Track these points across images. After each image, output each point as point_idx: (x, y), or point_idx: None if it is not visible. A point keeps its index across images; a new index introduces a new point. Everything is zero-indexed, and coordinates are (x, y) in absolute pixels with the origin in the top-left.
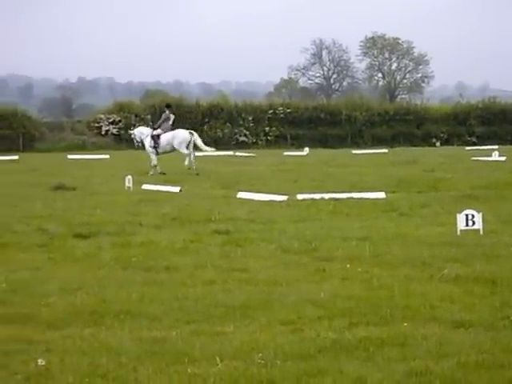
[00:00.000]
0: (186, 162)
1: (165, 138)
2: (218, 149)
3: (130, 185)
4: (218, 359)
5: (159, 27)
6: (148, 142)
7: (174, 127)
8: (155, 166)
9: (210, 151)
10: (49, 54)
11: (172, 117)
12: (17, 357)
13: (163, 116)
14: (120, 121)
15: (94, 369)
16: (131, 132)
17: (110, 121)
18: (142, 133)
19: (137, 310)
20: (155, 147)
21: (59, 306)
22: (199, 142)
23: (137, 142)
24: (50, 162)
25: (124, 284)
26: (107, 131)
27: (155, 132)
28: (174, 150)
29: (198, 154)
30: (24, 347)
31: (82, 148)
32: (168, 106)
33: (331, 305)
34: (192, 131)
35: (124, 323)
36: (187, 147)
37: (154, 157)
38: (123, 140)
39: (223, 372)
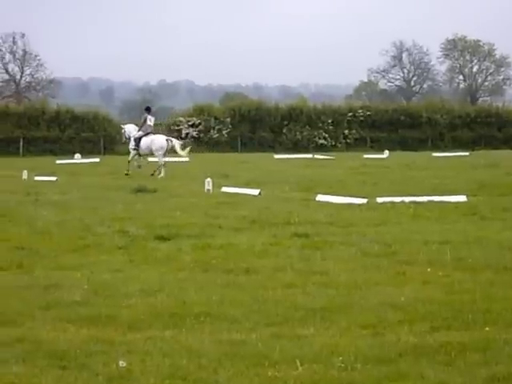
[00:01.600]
0: (162, 171)
1: (144, 142)
2: (297, 152)
3: (210, 187)
4: (298, 362)
5: (239, 30)
6: (131, 143)
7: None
8: (139, 166)
9: (185, 156)
10: (129, 58)
11: (152, 119)
12: (98, 358)
13: (142, 118)
14: (200, 123)
15: (174, 370)
16: (122, 127)
17: (190, 124)
18: (130, 131)
19: (217, 312)
20: (135, 149)
21: (140, 307)
22: (178, 148)
23: (125, 137)
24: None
25: (204, 286)
26: (187, 134)
27: (136, 135)
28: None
29: (279, 156)
30: (105, 348)
31: None
32: (147, 109)
33: (412, 309)
34: (171, 138)
35: (204, 325)
36: (164, 155)
37: (134, 156)
38: (203, 143)
39: (303, 375)
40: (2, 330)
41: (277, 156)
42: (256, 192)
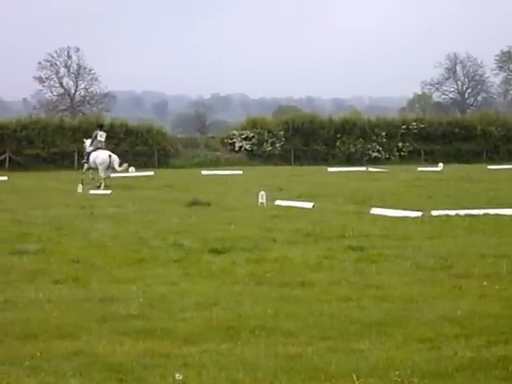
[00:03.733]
0: (102, 183)
1: (92, 156)
2: (350, 165)
3: (264, 200)
4: (354, 376)
5: (291, 44)
6: (85, 157)
7: (107, 146)
8: (82, 178)
9: (123, 171)
10: (183, 71)
11: (103, 135)
12: (155, 371)
13: (93, 135)
14: (253, 137)
15: None
16: (85, 141)
17: (243, 137)
18: (87, 146)
19: (272, 326)
20: (86, 162)
21: (195, 320)
22: (116, 164)
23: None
24: (185, 178)
25: (259, 299)
26: (240, 147)
27: (87, 150)
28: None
29: (333, 169)
30: (162, 361)
31: (215, 164)
32: (100, 126)
33: (468, 323)
34: (111, 153)
35: (260, 339)
36: (107, 168)
37: (87, 168)
38: (256, 156)
39: None
40: (59, 342)
41: (330, 169)
42: (310, 205)
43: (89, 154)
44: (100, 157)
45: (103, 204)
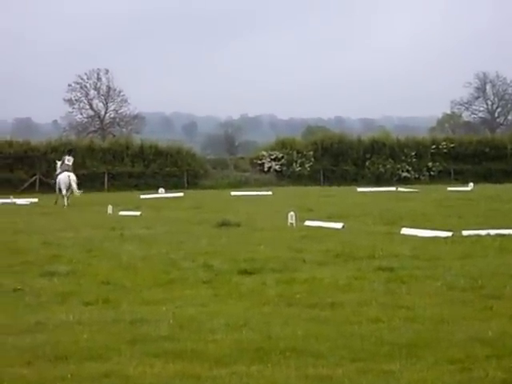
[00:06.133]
0: (65, 202)
1: (57, 178)
2: (380, 185)
3: (293, 221)
4: None
5: (319, 64)
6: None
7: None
8: (56, 198)
9: (78, 194)
10: (212, 92)
11: (71, 159)
12: None
13: (62, 159)
14: (282, 157)
15: None
16: (57, 162)
17: (273, 157)
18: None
19: (302, 347)
20: (55, 183)
21: (225, 342)
22: (74, 184)
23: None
24: (214, 199)
25: (289, 321)
26: (270, 168)
27: (57, 172)
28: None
29: (362, 189)
30: (192, 383)
31: (244, 185)
32: (69, 151)
33: (500, 344)
34: (70, 174)
35: (290, 360)
36: (67, 189)
37: (57, 191)
38: (285, 176)
39: None
40: (90, 364)
41: (360, 189)
42: (339, 225)
43: (57, 175)
44: (61, 178)
45: (133, 225)
